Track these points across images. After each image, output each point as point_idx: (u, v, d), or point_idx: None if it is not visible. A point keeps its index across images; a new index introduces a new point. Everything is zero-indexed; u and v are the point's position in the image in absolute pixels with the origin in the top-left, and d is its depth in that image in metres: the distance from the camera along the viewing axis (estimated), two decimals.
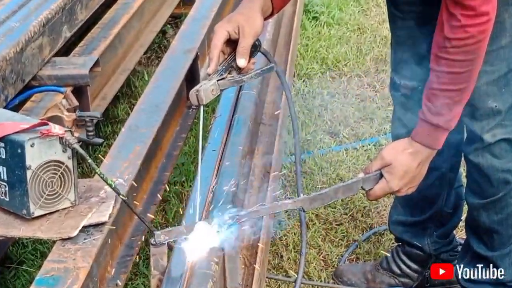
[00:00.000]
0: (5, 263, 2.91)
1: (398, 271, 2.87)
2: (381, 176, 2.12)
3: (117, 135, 3.68)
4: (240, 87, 2.64)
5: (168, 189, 3.23)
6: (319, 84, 4.35)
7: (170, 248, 1.87)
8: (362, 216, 3.24)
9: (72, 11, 3.04)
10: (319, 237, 3.11)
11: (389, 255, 2.91)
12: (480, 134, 2.40)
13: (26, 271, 2.91)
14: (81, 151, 1.91)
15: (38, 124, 1.95)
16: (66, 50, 3.19)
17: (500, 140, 2.41)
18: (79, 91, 2.83)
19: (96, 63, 2.88)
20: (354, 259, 3.05)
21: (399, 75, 2.52)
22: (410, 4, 2.43)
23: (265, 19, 2.12)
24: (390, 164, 2.10)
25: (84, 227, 1.94)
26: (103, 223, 1.97)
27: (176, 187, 3.38)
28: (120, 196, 1.96)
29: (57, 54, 2.94)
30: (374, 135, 3.87)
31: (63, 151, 1.94)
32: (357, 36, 5.00)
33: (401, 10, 2.47)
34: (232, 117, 2.45)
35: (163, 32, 4.73)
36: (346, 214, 3.25)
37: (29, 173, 1.90)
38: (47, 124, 1.92)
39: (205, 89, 1.96)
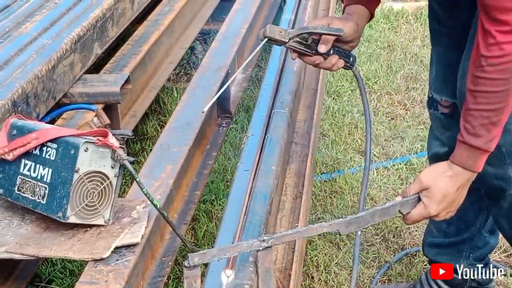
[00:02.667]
0: (34, 281, 2.90)
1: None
2: (419, 199, 2.07)
3: (146, 152, 3.71)
4: (273, 105, 2.61)
5: (198, 207, 3.21)
6: (349, 101, 4.32)
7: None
8: (393, 237, 3.20)
9: (103, 28, 3.03)
10: (350, 258, 3.07)
11: (423, 277, 2.84)
12: None
13: None
14: (130, 168, 1.93)
15: (96, 131, 1.97)
16: (96, 67, 3.17)
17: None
18: (109, 109, 2.81)
19: (127, 80, 2.87)
20: (386, 281, 3.00)
21: (438, 92, 2.49)
22: (454, 19, 2.38)
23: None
24: (429, 188, 2.05)
25: (116, 248, 1.92)
26: (135, 244, 1.95)
27: (206, 205, 3.35)
28: (165, 217, 1.97)
29: (88, 71, 2.93)
30: (405, 154, 3.83)
31: (112, 166, 1.96)
32: (387, 53, 4.96)
33: (444, 26, 2.42)
34: (265, 136, 2.42)
35: (191, 48, 4.72)
36: (378, 235, 3.20)
37: (76, 176, 1.91)
38: (106, 134, 1.93)
39: (275, 27, 2.13)
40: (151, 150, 2.59)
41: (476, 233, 2.69)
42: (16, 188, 2.04)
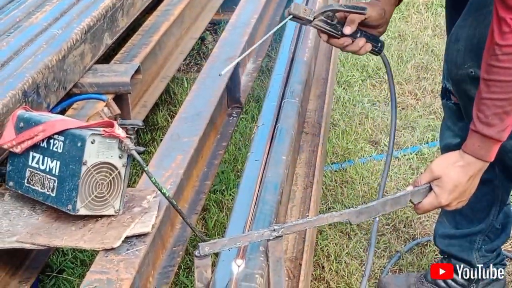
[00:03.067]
0: (45, 271, 2.91)
1: (443, 285, 2.80)
2: (430, 189, 2.06)
3: (157, 143, 3.71)
4: (283, 94, 2.61)
5: (208, 197, 3.21)
6: (360, 91, 4.31)
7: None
8: (404, 226, 3.19)
9: (113, 18, 3.03)
10: (361, 248, 3.07)
11: None
12: None
13: (66, 280, 2.90)
14: (138, 158, 1.93)
15: (103, 122, 1.97)
16: (106, 57, 3.17)
17: None
18: (120, 99, 2.81)
19: (137, 71, 2.86)
20: (397, 271, 3.00)
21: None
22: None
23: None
24: (440, 178, 2.03)
25: (126, 237, 1.92)
26: (145, 234, 1.96)
27: (216, 195, 3.35)
28: (174, 206, 1.98)
29: (98, 61, 2.93)
30: (416, 144, 3.81)
31: (119, 156, 1.97)
32: (398, 43, 4.94)
33: (456, 10, 2.42)
34: (275, 126, 2.42)
35: (202, 38, 4.72)
36: (388, 225, 3.20)
37: (83, 169, 1.91)
38: (112, 125, 1.93)
39: (300, 4, 2.18)
40: (161, 140, 2.59)
41: (488, 225, 2.67)
42: (25, 180, 2.04)
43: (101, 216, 1.99)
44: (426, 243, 3.10)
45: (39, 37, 2.64)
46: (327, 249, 3.05)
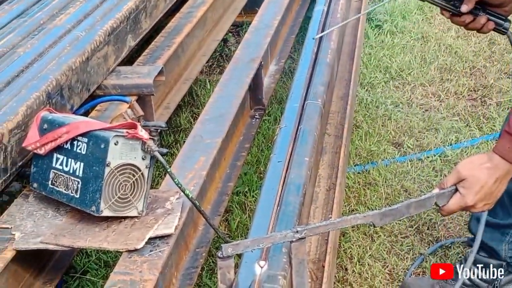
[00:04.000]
0: (69, 272, 2.92)
1: (468, 282, 2.80)
2: (456, 191, 2.03)
3: (180, 144, 3.72)
4: (305, 96, 2.60)
5: (231, 199, 3.21)
6: (383, 93, 4.29)
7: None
8: (428, 229, 3.17)
9: (136, 20, 3.04)
10: (384, 250, 3.05)
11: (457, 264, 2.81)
12: None
13: (90, 281, 2.91)
14: (161, 159, 1.94)
15: (126, 124, 1.98)
16: (129, 59, 3.18)
17: None
18: (143, 100, 2.82)
19: (160, 72, 2.87)
20: (420, 273, 2.98)
21: None
22: None
23: None
24: (466, 179, 2.01)
25: (150, 238, 1.93)
26: (169, 235, 1.96)
27: (239, 197, 3.35)
28: (197, 207, 1.98)
29: (121, 63, 2.94)
30: (439, 146, 3.79)
31: (142, 158, 1.98)
32: (421, 44, 4.92)
33: None
34: (298, 127, 2.41)
35: (224, 40, 4.72)
36: (412, 227, 3.18)
37: (107, 170, 1.92)
38: (135, 126, 1.94)
39: None
40: (184, 142, 2.59)
41: None
42: (49, 182, 2.05)
43: (125, 217, 2.00)
44: (450, 245, 3.08)
45: (63, 39, 2.66)
46: (350, 251, 3.04)
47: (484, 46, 4.83)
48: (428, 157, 3.68)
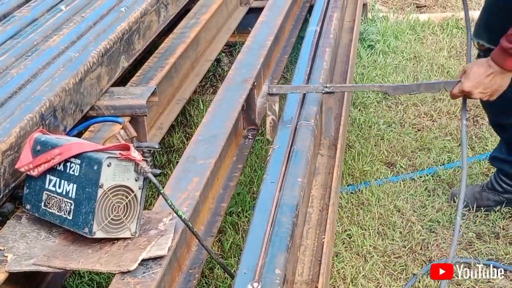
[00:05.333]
0: None
1: (501, 189, 3.42)
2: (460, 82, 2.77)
3: (173, 164, 3.72)
4: (299, 116, 2.62)
5: (224, 219, 3.21)
6: (375, 113, 4.30)
7: None
8: (421, 249, 3.18)
9: (130, 41, 3.05)
10: (377, 270, 3.05)
11: (492, 177, 3.46)
12: None
13: None
14: (154, 181, 1.95)
15: (119, 145, 1.98)
16: (122, 80, 3.19)
17: None
18: (136, 121, 2.82)
19: (153, 93, 2.88)
20: None
21: (477, 36, 3.15)
22: None
23: None
24: (467, 71, 2.77)
25: (143, 260, 1.93)
26: (161, 257, 1.96)
27: (232, 217, 3.35)
28: (190, 228, 1.99)
29: (114, 84, 2.94)
30: (432, 166, 3.80)
31: (135, 179, 1.98)
32: (413, 64, 4.94)
33: None
34: (290, 148, 2.42)
35: (217, 60, 4.74)
36: (405, 247, 3.18)
37: (100, 192, 1.92)
38: (128, 148, 1.94)
39: None
40: (177, 162, 2.59)
41: None
42: (42, 203, 2.05)
43: (118, 239, 2.00)
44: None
45: (56, 60, 2.66)
46: (343, 272, 3.04)
47: None
48: (420, 177, 3.68)
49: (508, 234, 3.22)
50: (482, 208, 3.42)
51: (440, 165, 3.79)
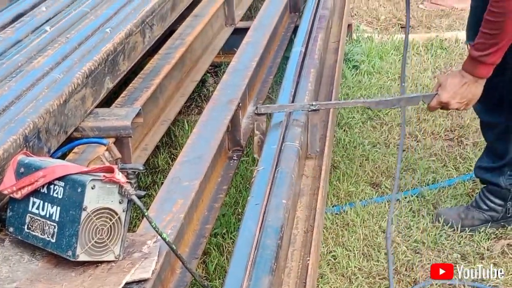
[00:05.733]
0: None
1: (485, 207, 3.48)
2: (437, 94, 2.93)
3: (157, 185, 3.71)
4: (283, 138, 2.62)
5: (209, 241, 3.20)
6: (360, 133, 4.31)
7: None
8: (406, 270, 3.18)
9: (114, 62, 3.04)
10: None
11: (477, 196, 3.54)
12: None
13: None
14: (139, 203, 1.94)
15: (103, 168, 1.97)
16: (107, 101, 3.19)
17: None
18: (121, 142, 2.81)
19: (138, 114, 2.87)
20: None
21: (468, 38, 3.30)
22: None
23: None
24: (442, 84, 2.93)
25: (126, 283, 1.92)
26: (145, 280, 1.95)
27: (217, 239, 3.34)
28: (174, 251, 1.98)
29: (99, 105, 2.94)
30: (417, 186, 3.81)
31: (119, 202, 1.97)
32: (398, 85, 4.95)
33: None
34: (275, 170, 2.42)
35: (202, 81, 4.74)
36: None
37: (84, 214, 1.91)
38: (112, 170, 1.93)
39: None
40: (162, 183, 2.59)
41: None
42: (26, 226, 2.04)
43: (101, 262, 1.98)
44: (429, 287, 3.08)
45: (41, 81, 2.65)
46: None
47: None
48: (405, 198, 3.69)
49: (493, 255, 3.23)
50: (467, 228, 3.45)
51: (425, 186, 3.80)
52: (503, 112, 3.35)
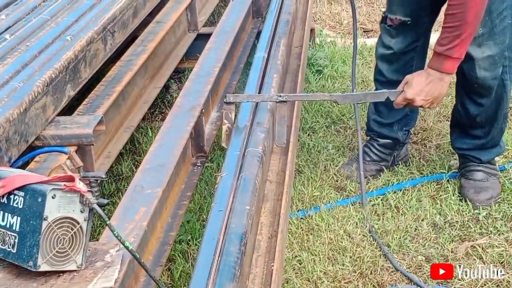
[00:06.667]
0: None
1: (376, 158, 3.94)
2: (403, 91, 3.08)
3: (121, 193, 3.69)
4: (247, 142, 2.62)
5: (174, 248, 3.19)
6: (324, 137, 4.32)
7: None
8: (371, 273, 3.18)
9: (75, 69, 3.02)
10: None
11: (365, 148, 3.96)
12: (473, 53, 3.31)
13: None
14: (100, 212, 1.92)
15: (64, 177, 1.95)
16: (70, 107, 3.16)
17: (486, 56, 3.33)
18: (83, 150, 2.80)
19: (100, 122, 2.86)
20: None
21: (394, 13, 3.57)
22: None
23: None
24: (409, 82, 3.08)
25: None
26: None
27: (182, 245, 3.33)
28: (137, 259, 1.97)
29: (61, 113, 2.91)
30: (381, 187, 3.82)
31: (81, 211, 1.95)
32: (362, 89, 4.97)
33: None
34: (238, 176, 2.42)
35: (166, 87, 4.72)
36: (355, 272, 3.18)
37: (44, 224, 1.89)
38: (73, 179, 1.91)
39: None
40: (126, 190, 2.57)
41: (402, 117, 3.87)
42: None
43: (63, 272, 1.96)
44: None
45: (0, 90, 2.63)
46: None
47: None
48: (370, 201, 3.70)
49: (457, 257, 3.25)
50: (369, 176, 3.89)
51: (390, 186, 3.81)
52: None
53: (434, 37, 3.47)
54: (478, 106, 3.55)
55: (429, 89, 3.06)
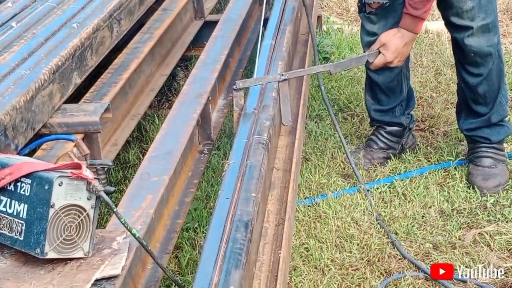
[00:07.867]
0: None
1: (384, 146, 3.97)
2: (379, 53, 3.30)
3: (128, 180, 3.69)
4: (254, 129, 2.62)
5: (181, 235, 3.19)
6: (331, 125, 4.31)
7: None
8: (378, 260, 3.18)
9: (82, 57, 3.02)
10: (335, 283, 3.04)
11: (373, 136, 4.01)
12: (469, 24, 3.45)
13: None
14: (107, 199, 1.92)
15: (70, 164, 1.95)
16: (76, 95, 3.16)
17: (481, 25, 3.45)
18: (90, 138, 2.80)
19: (107, 109, 2.85)
20: None
21: None
22: None
23: None
24: (385, 44, 3.29)
25: (96, 280, 1.90)
26: (115, 276, 1.93)
27: (189, 233, 3.33)
28: (144, 246, 1.97)
29: (67, 101, 2.91)
30: (388, 175, 3.82)
31: (87, 198, 1.94)
32: (361, 77, 4.95)
33: None
34: (245, 163, 2.41)
35: (173, 75, 4.71)
36: (363, 259, 3.18)
37: (51, 211, 1.89)
38: (80, 166, 1.91)
39: None
40: (133, 178, 2.57)
41: (401, 101, 3.95)
42: None
43: (71, 259, 1.97)
44: (401, 278, 3.08)
45: (7, 78, 2.63)
46: (301, 286, 3.03)
47: (431, 76, 4.90)
48: (377, 188, 3.69)
49: (464, 244, 3.24)
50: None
51: (397, 175, 3.80)
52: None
53: None
54: (476, 77, 3.61)
55: (405, 50, 3.31)
